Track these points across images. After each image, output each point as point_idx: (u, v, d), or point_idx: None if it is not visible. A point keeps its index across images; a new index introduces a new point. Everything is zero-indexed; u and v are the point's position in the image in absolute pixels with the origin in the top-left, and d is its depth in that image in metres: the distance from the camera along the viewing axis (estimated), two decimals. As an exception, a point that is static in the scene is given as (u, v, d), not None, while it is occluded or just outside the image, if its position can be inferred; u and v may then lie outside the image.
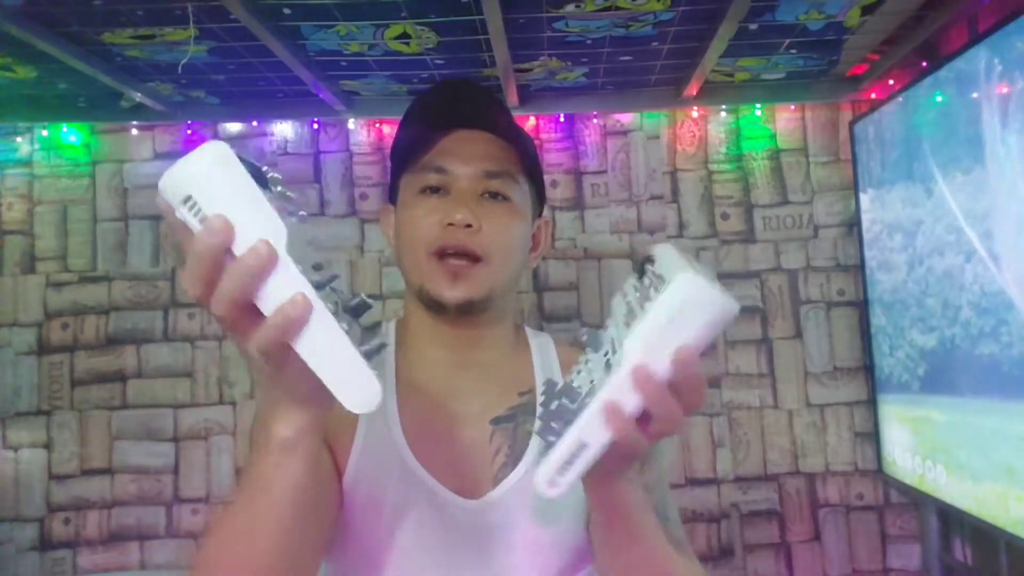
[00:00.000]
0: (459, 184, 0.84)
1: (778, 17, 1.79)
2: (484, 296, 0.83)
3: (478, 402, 0.86)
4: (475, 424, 0.85)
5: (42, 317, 2.41)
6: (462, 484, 0.82)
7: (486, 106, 0.87)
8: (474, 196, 0.84)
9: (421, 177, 0.86)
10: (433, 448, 0.83)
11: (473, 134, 0.87)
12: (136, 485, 2.36)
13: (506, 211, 0.85)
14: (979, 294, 1.71)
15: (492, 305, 0.85)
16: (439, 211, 0.83)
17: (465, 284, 0.82)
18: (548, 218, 0.97)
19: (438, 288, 0.82)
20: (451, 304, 0.82)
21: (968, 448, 1.80)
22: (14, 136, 2.45)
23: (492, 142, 0.87)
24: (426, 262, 0.83)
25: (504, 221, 0.85)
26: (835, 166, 2.43)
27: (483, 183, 0.85)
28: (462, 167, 0.84)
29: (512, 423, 0.85)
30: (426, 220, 0.83)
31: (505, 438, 0.84)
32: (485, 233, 0.82)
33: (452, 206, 0.82)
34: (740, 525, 2.36)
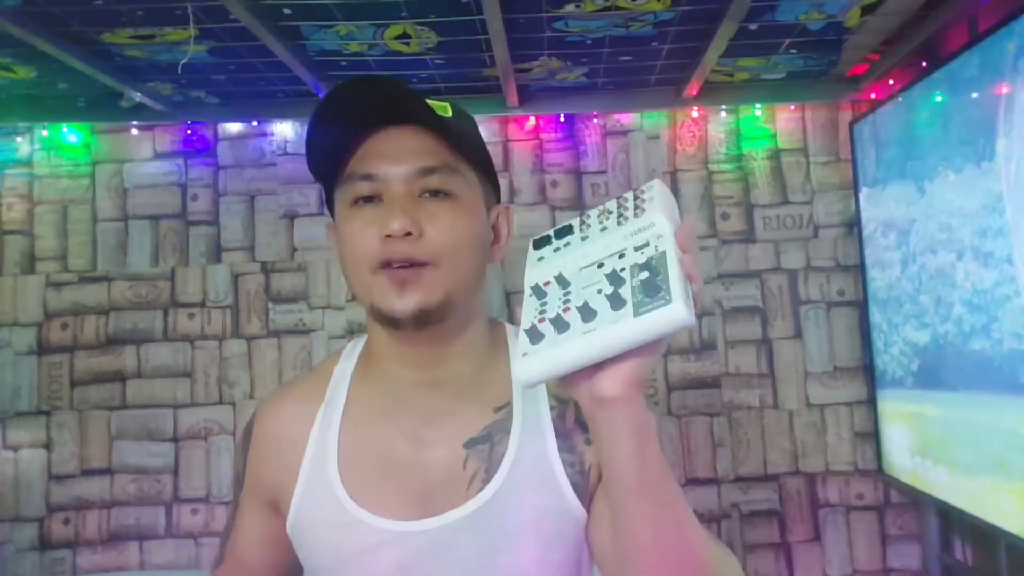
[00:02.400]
0: (392, 189, 0.75)
1: (778, 17, 1.79)
2: (439, 302, 0.74)
3: (449, 422, 0.79)
4: (447, 448, 0.79)
5: (42, 317, 2.41)
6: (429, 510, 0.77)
7: (404, 98, 0.75)
8: (411, 198, 0.75)
9: (350, 188, 0.77)
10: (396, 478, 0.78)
11: (397, 130, 0.77)
12: (136, 485, 2.36)
13: (450, 208, 0.76)
14: (971, 291, 1.72)
15: (452, 312, 0.76)
16: (375, 222, 0.74)
17: (415, 291, 0.73)
18: (507, 205, 0.88)
19: (387, 301, 0.74)
20: (404, 316, 0.73)
21: (961, 442, 1.82)
22: (14, 136, 2.45)
23: (422, 135, 0.77)
24: (371, 277, 0.74)
25: (449, 220, 0.75)
26: (835, 166, 2.43)
27: (419, 182, 0.76)
28: (392, 168, 0.75)
29: (488, 443, 0.79)
30: (363, 234, 0.75)
31: (481, 462, 0.78)
32: (429, 237, 0.74)
33: (387, 214, 0.73)
34: (740, 525, 2.36)
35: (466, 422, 0.79)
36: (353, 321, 2.41)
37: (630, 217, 0.63)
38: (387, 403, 0.81)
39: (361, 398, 0.82)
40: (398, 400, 0.80)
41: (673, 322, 0.54)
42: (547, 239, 0.68)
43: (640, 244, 0.61)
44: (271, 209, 2.45)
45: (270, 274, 2.43)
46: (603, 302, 0.57)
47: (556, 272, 0.63)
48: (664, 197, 0.64)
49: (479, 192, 0.81)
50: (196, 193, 2.45)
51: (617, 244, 0.62)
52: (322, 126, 0.77)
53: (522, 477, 0.77)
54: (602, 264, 0.61)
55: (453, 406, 0.80)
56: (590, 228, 0.66)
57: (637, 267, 0.58)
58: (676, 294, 0.54)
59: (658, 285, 0.55)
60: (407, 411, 0.80)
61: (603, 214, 0.66)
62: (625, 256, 0.61)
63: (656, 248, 0.59)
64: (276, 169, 2.46)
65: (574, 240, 0.65)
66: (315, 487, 0.79)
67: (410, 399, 0.80)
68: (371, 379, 0.83)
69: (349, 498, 0.77)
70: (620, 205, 0.66)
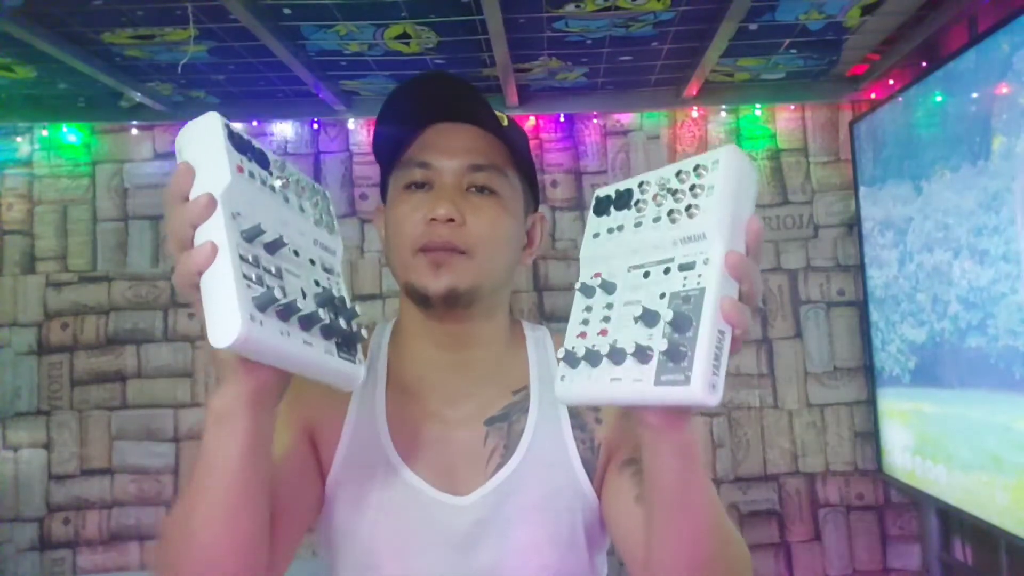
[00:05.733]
0: (443, 178, 0.82)
1: (778, 17, 1.79)
2: (469, 287, 0.80)
3: (472, 402, 0.85)
4: (469, 425, 0.84)
5: (42, 317, 2.41)
6: (453, 483, 0.81)
7: (468, 98, 0.82)
8: (459, 190, 0.81)
9: (405, 173, 0.84)
10: (420, 448, 0.82)
11: (456, 127, 0.84)
12: (136, 485, 2.36)
13: (492, 205, 0.82)
14: (968, 289, 1.73)
15: (481, 299, 0.83)
16: (423, 207, 0.80)
17: (449, 274, 0.79)
18: (543, 214, 0.95)
19: (422, 280, 0.80)
20: (435, 295, 0.79)
21: (957, 439, 1.82)
22: (14, 136, 2.45)
23: (477, 135, 0.84)
24: (411, 258, 0.81)
25: (490, 215, 0.82)
26: (835, 166, 2.44)
27: (468, 176, 0.82)
28: (445, 160, 0.82)
29: (506, 422, 0.84)
30: (410, 217, 0.81)
31: (500, 439, 0.83)
32: (469, 227, 0.80)
33: (435, 201, 0.80)
34: (740, 525, 2.36)
35: (486, 402, 0.85)
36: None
37: (682, 217, 0.57)
38: (414, 382, 0.86)
39: (394, 373, 0.87)
40: (424, 380, 0.86)
41: (690, 402, 0.52)
42: (607, 204, 0.64)
43: (686, 262, 0.56)
44: (271, 209, 2.45)
45: (270, 274, 2.44)
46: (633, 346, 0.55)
47: (606, 266, 0.62)
48: (730, 180, 0.55)
49: (520, 197, 0.88)
50: (196, 193, 2.45)
51: (666, 249, 0.58)
52: (391, 113, 0.84)
53: (539, 455, 0.82)
54: (648, 273, 0.58)
55: (474, 388, 0.86)
56: (645, 210, 0.61)
57: (676, 301, 0.54)
58: (697, 372, 0.51)
59: (682, 352, 0.52)
60: (432, 391, 0.85)
61: (661, 192, 0.60)
62: (670, 273, 0.57)
63: (698, 279, 0.54)
64: (276, 169, 2.45)
65: (628, 223, 0.62)
66: (363, 445, 0.82)
67: (435, 379, 0.86)
68: (401, 357, 0.88)
69: (400, 459, 0.81)
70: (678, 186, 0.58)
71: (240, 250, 0.54)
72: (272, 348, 0.54)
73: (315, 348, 0.58)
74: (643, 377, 0.54)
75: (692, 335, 0.52)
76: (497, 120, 0.82)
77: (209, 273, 0.53)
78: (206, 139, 0.58)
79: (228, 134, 0.58)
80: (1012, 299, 1.57)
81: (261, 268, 0.56)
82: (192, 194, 0.56)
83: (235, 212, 0.55)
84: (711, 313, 0.52)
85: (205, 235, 0.54)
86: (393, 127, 0.85)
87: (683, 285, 0.55)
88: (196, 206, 0.54)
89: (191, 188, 0.56)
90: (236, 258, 0.53)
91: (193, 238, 0.55)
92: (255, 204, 0.58)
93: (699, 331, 0.52)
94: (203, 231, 0.54)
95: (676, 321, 0.53)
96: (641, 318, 0.55)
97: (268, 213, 0.59)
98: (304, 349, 0.57)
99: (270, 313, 0.54)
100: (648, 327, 0.55)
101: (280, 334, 0.55)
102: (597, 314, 0.61)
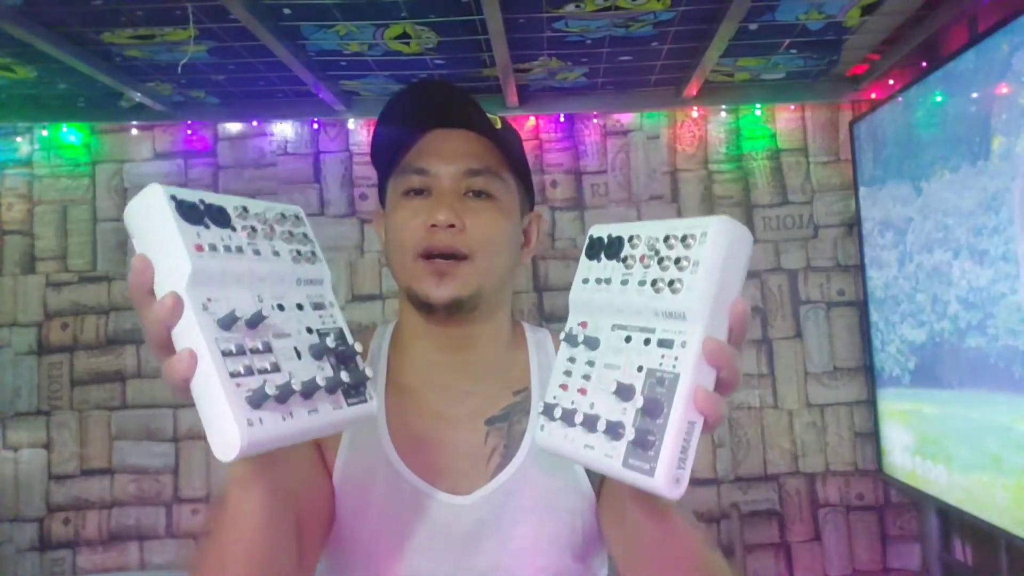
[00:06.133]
0: (441, 184, 0.83)
1: (778, 17, 1.79)
2: (472, 294, 0.82)
3: (472, 402, 0.86)
4: (469, 425, 0.84)
5: (42, 317, 2.41)
6: (455, 486, 0.81)
7: (463, 104, 0.83)
8: (457, 195, 0.83)
9: (404, 179, 0.85)
10: (421, 448, 0.83)
11: (452, 133, 0.86)
12: (136, 485, 2.36)
13: (490, 208, 0.84)
14: (967, 289, 1.73)
15: (482, 302, 0.84)
16: (422, 213, 0.82)
17: (452, 283, 0.81)
18: (539, 212, 0.96)
19: (425, 288, 0.81)
20: (439, 304, 0.81)
21: (957, 439, 1.82)
22: (14, 136, 2.45)
23: (473, 140, 0.85)
24: (412, 264, 0.82)
25: (488, 219, 0.83)
26: (835, 166, 2.44)
27: (465, 181, 0.84)
28: (443, 166, 0.83)
29: (507, 422, 0.85)
30: (410, 223, 0.82)
31: (500, 438, 0.84)
32: (469, 232, 0.81)
33: (434, 207, 0.81)
34: (740, 525, 2.36)
35: (487, 402, 0.86)
36: (352, 321, 2.41)
37: (665, 290, 0.55)
38: (415, 382, 0.87)
39: (395, 375, 0.88)
40: (425, 380, 0.87)
41: (653, 492, 0.52)
42: (599, 249, 0.62)
43: (666, 338, 0.55)
44: (271, 209, 2.45)
45: (270, 274, 2.43)
46: (604, 421, 0.55)
47: (592, 318, 0.62)
48: (717, 257, 0.53)
49: (517, 198, 0.89)
50: (196, 193, 2.45)
51: (648, 318, 0.57)
52: (388, 120, 0.86)
53: (540, 456, 0.82)
54: (629, 338, 0.58)
55: (475, 387, 0.86)
56: (633, 269, 0.59)
57: (651, 380, 0.54)
58: (661, 466, 0.51)
59: (650, 441, 0.52)
60: (433, 391, 0.86)
61: (649, 253, 0.58)
62: (650, 344, 0.56)
63: (675, 362, 0.53)
64: (276, 169, 2.46)
65: (616, 278, 0.60)
66: (365, 446, 0.82)
67: (436, 379, 0.86)
68: (401, 358, 0.89)
69: (400, 459, 0.82)
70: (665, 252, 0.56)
71: (221, 344, 0.52)
72: (278, 437, 0.53)
73: (321, 412, 0.56)
74: (613, 454, 0.54)
75: (662, 423, 0.52)
76: (490, 125, 0.84)
77: (195, 381, 0.51)
78: (155, 219, 0.54)
79: (176, 206, 0.54)
80: (1012, 299, 1.57)
81: (247, 352, 0.53)
82: (156, 287, 0.53)
83: (205, 302, 0.52)
84: (682, 404, 0.52)
85: (181, 337, 0.52)
86: (390, 134, 0.86)
87: (660, 364, 0.54)
88: (163, 309, 0.51)
89: (153, 282, 0.53)
90: (218, 358, 0.51)
91: (170, 338, 0.52)
92: (225, 278, 0.55)
93: (669, 421, 0.52)
94: (178, 332, 0.52)
95: (647, 407, 0.53)
96: (617, 392, 0.55)
97: (241, 281, 0.56)
98: (311, 419, 0.55)
99: (268, 405, 0.52)
100: (623, 401, 0.55)
101: (283, 419, 0.53)
102: (579, 368, 0.61)
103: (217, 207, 0.57)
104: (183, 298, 0.51)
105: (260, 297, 0.57)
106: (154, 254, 0.54)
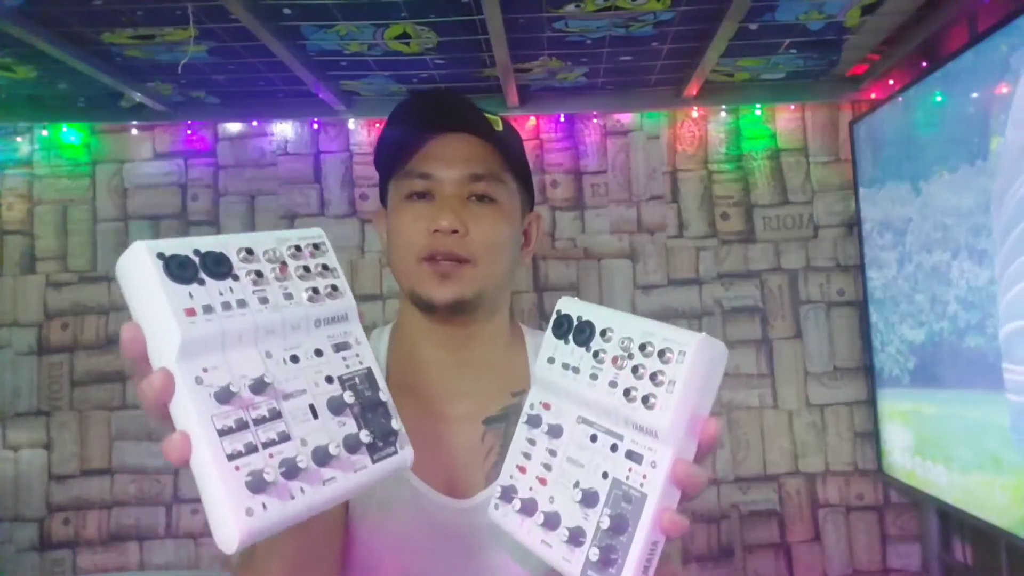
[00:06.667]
0: (444, 189, 0.84)
1: (778, 17, 1.79)
2: (474, 295, 0.83)
3: (471, 401, 0.86)
4: (467, 424, 0.85)
5: (42, 317, 2.41)
6: (453, 485, 0.82)
7: (466, 110, 0.85)
8: (460, 200, 0.84)
9: (407, 183, 0.86)
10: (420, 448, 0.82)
11: (456, 137, 0.87)
12: (136, 485, 2.36)
13: (493, 213, 0.85)
14: (966, 288, 1.72)
15: (483, 303, 0.86)
16: (425, 217, 0.83)
17: (454, 284, 0.82)
18: (538, 213, 0.98)
19: (428, 290, 0.82)
20: (441, 304, 0.82)
21: (956, 439, 1.82)
22: (14, 136, 2.45)
23: (475, 144, 0.86)
24: (415, 267, 0.83)
25: (491, 223, 0.84)
26: (835, 166, 2.43)
27: (468, 186, 0.85)
28: (446, 171, 0.84)
29: (504, 423, 0.85)
30: (413, 227, 0.83)
31: (497, 438, 0.84)
32: (472, 237, 0.83)
33: (438, 212, 0.82)
34: (740, 525, 2.36)
35: (485, 402, 0.86)
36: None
37: (638, 402, 0.53)
38: (414, 381, 0.87)
39: (393, 375, 0.88)
40: (424, 379, 0.87)
41: None
42: (566, 328, 0.60)
43: (635, 451, 0.54)
44: (271, 209, 2.45)
45: (270, 274, 2.43)
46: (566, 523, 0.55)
47: (556, 401, 0.60)
48: (694, 378, 0.52)
49: (518, 200, 0.90)
50: (196, 193, 2.45)
51: (618, 423, 0.55)
52: (393, 126, 0.88)
53: None
54: (595, 437, 0.57)
55: (474, 387, 0.87)
56: (603, 366, 0.57)
57: (616, 493, 0.54)
58: None
59: (612, 559, 0.52)
60: (432, 389, 0.87)
61: (623, 355, 0.56)
62: (617, 452, 0.55)
63: (643, 481, 0.53)
64: (276, 169, 2.46)
65: (584, 369, 0.58)
66: None
67: (436, 379, 0.87)
68: (400, 358, 0.90)
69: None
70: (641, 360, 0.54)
71: (218, 422, 0.47)
72: (283, 520, 0.48)
73: (340, 479, 0.51)
74: (572, 560, 0.54)
75: (626, 542, 0.52)
76: (492, 129, 0.85)
77: (192, 462, 0.47)
78: (141, 282, 0.49)
79: (164, 266, 0.49)
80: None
81: (250, 425, 0.48)
82: (150, 355, 0.49)
83: (200, 374, 0.48)
84: (649, 524, 0.52)
85: (176, 414, 0.48)
86: (395, 137, 0.88)
87: (627, 477, 0.54)
88: (151, 389, 0.48)
89: (145, 349, 0.50)
90: (214, 439, 0.46)
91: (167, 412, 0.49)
92: (225, 340, 0.49)
93: (634, 541, 0.51)
94: (173, 408, 0.48)
95: (613, 524, 0.52)
96: (581, 499, 0.54)
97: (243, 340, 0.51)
98: (326, 490, 0.50)
99: (272, 485, 0.47)
100: (586, 508, 0.55)
101: (291, 498, 0.48)
102: (539, 454, 0.60)
103: (215, 255, 0.51)
104: (173, 373, 0.47)
105: (269, 353, 0.51)
106: (143, 320, 0.50)
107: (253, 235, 0.54)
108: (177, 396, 0.47)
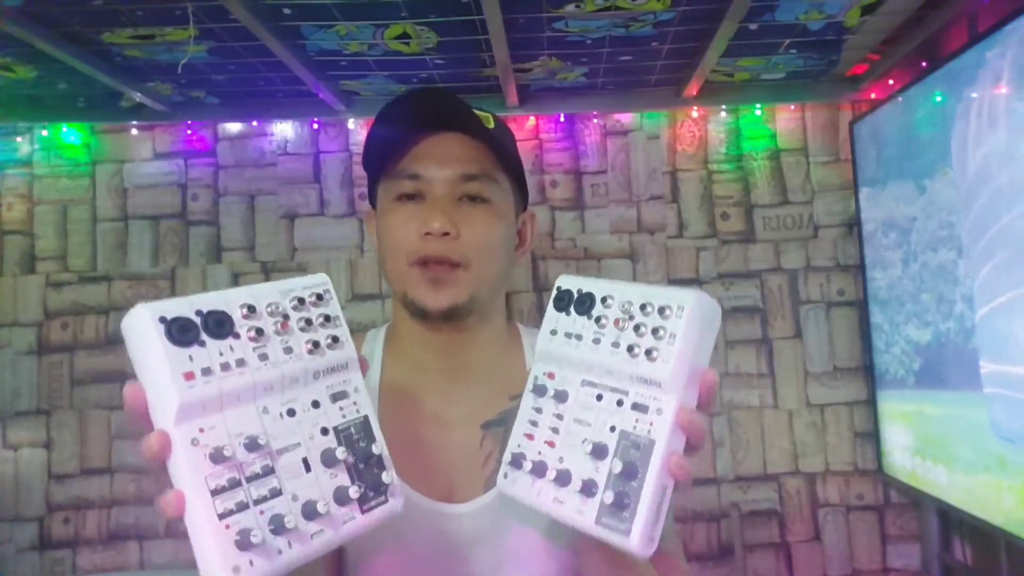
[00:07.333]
0: (435, 190, 0.82)
1: (778, 17, 1.79)
2: (467, 300, 0.81)
3: (468, 406, 0.85)
4: (465, 428, 0.84)
5: (42, 317, 2.41)
6: (451, 490, 0.81)
7: (457, 108, 0.82)
8: (451, 201, 0.81)
9: (396, 184, 0.84)
10: (416, 454, 0.81)
11: (447, 136, 0.84)
12: (136, 485, 2.36)
13: (485, 213, 0.83)
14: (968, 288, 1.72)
15: (477, 307, 0.84)
16: (416, 219, 0.81)
17: (447, 291, 0.80)
18: (532, 211, 0.95)
19: (420, 296, 0.81)
20: (434, 311, 0.81)
21: (959, 441, 1.82)
22: (14, 136, 2.45)
23: (467, 144, 0.84)
24: (407, 270, 0.81)
25: (483, 224, 0.82)
26: (835, 166, 2.44)
27: (460, 187, 0.82)
28: (437, 172, 0.82)
29: (503, 427, 0.83)
30: (404, 228, 0.81)
31: (496, 443, 0.83)
32: (464, 239, 0.80)
33: (429, 214, 0.80)
34: (740, 525, 2.36)
35: (483, 406, 0.85)
36: (352, 320, 2.41)
37: (641, 356, 0.56)
38: (410, 385, 0.86)
39: (389, 378, 0.86)
40: (420, 384, 0.86)
41: (627, 551, 0.54)
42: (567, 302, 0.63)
43: (640, 403, 0.57)
44: (271, 209, 2.45)
45: (270, 274, 2.43)
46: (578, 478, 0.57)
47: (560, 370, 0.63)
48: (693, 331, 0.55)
49: (511, 199, 0.88)
50: (196, 193, 2.45)
51: (622, 380, 0.58)
52: (382, 125, 0.84)
53: None
54: (601, 396, 0.59)
55: (472, 391, 0.86)
56: (605, 330, 0.60)
57: (625, 443, 0.56)
58: (637, 526, 0.53)
59: (625, 503, 0.54)
60: (429, 395, 0.85)
61: (623, 317, 0.59)
62: (623, 406, 0.57)
63: (650, 428, 0.55)
64: (276, 169, 2.46)
65: (586, 335, 0.61)
66: None
67: (432, 384, 0.86)
68: (396, 362, 0.88)
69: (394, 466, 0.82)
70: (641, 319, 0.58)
71: (211, 482, 0.49)
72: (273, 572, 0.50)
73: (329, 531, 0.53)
74: (585, 511, 0.56)
75: (638, 487, 0.54)
76: (484, 128, 0.82)
77: (186, 519, 0.49)
78: (143, 345, 0.51)
79: (166, 330, 0.51)
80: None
81: (243, 483, 0.50)
82: (151, 413, 0.51)
83: (197, 435, 0.50)
84: (658, 468, 0.54)
85: (173, 473, 0.50)
86: (382, 138, 0.85)
87: (634, 427, 0.56)
88: (149, 450, 0.50)
89: (146, 408, 0.52)
90: (206, 499, 0.49)
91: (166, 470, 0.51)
92: (223, 400, 0.51)
93: (645, 485, 0.54)
94: (170, 467, 0.50)
95: (625, 470, 0.55)
96: (592, 451, 0.57)
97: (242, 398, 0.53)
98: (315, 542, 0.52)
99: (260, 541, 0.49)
100: (596, 460, 0.57)
101: (278, 553, 0.50)
102: (546, 420, 0.62)
103: (217, 315, 0.53)
104: (171, 435, 0.50)
105: (266, 408, 0.53)
106: (144, 381, 0.52)
107: (256, 289, 0.56)
108: (174, 457, 0.50)
